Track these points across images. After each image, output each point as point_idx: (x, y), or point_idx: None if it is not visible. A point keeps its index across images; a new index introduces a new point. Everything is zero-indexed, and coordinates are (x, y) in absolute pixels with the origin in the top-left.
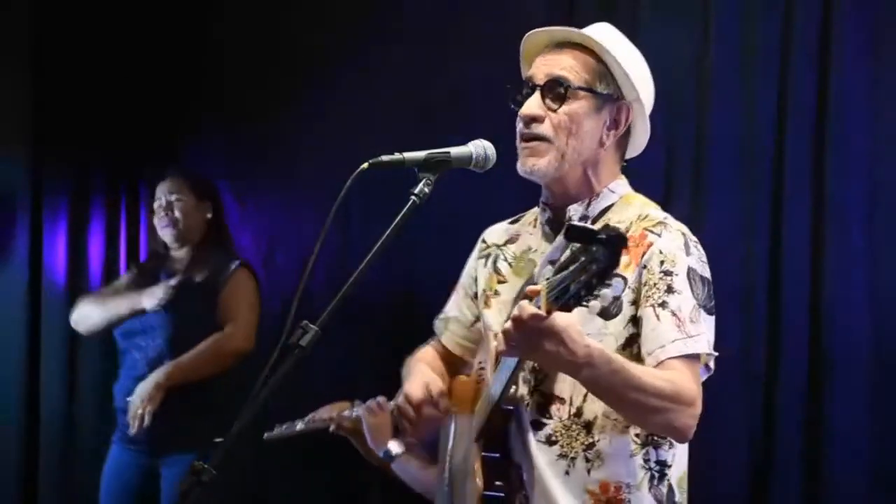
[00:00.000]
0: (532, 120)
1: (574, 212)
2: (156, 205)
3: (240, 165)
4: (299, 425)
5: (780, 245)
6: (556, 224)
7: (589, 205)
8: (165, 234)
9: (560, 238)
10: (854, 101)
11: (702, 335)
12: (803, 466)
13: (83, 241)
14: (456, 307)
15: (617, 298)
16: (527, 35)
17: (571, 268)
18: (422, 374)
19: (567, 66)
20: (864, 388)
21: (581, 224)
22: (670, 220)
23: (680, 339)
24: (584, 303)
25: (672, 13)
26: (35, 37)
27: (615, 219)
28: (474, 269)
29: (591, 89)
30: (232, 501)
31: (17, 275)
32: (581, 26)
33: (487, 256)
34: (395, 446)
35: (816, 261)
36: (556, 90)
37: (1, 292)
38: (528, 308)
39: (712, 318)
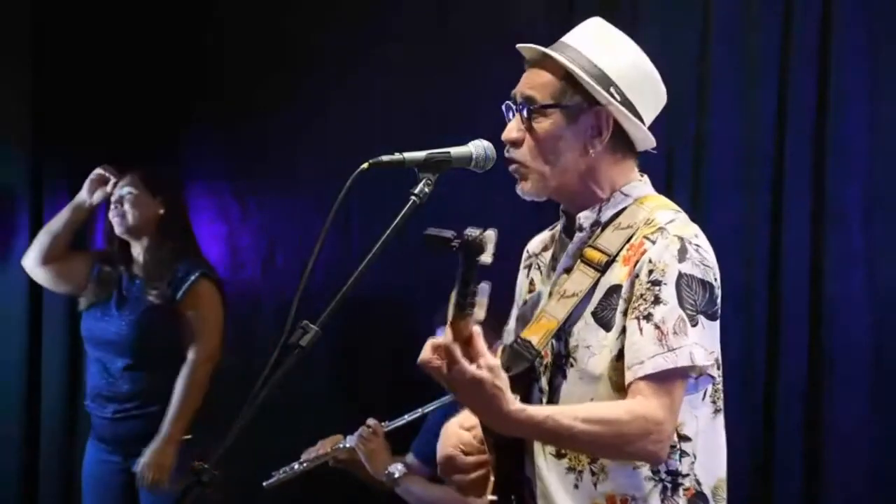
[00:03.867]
0: (511, 144)
1: (585, 219)
2: (112, 198)
3: (240, 165)
4: (297, 467)
5: (780, 245)
6: (570, 232)
7: (600, 210)
8: (116, 226)
9: (571, 246)
10: (854, 101)
11: (684, 347)
12: (803, 466)
13: (84, 241)
14: (512, 321)
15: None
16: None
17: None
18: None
19: (536, 84)
20: (864, 388)
21: (434, 232)
22: (676, 223)
23: (660, 354)
24: (468, 311)
25: (672, 13)
26: (35, 35)
27: (625, 223)
28: (520, 281)
29: (558, 104)
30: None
31: (17, 274)
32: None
33: (529, 267)
34: (395, 468)
35: (816, 261)
36: (526, 111)
37: (1, 292)
38: (439, 349)
39: (714, 323)
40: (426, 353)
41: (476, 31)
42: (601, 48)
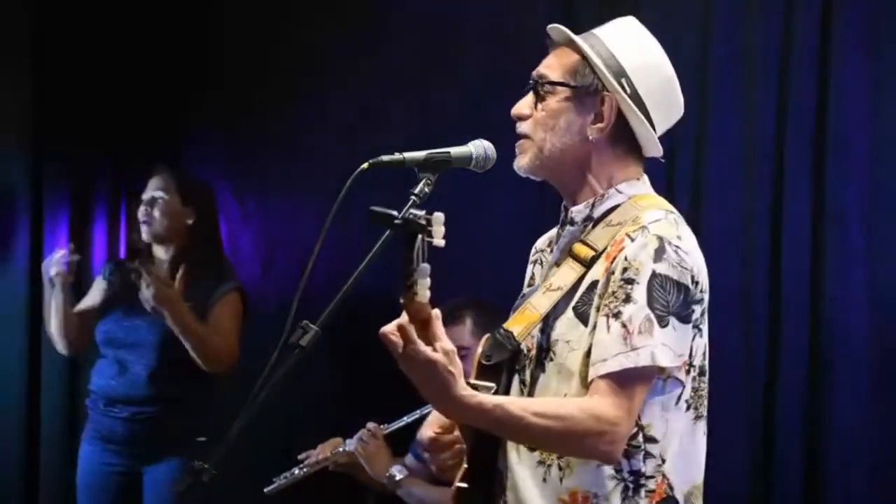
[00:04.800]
0: (518, 118)
1: (577, 213)
2: (143, 197)
3: (240, 165)
4: (297, 472)
5: (780, 245)
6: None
7: (593, 206)
8: (143, 231)
9: (561, 240)
10: (854, 101)
11: (647, 347)
12: (803, 466)
13: (84, 242)
14: None
15: None
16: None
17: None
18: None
19: (553, 64)
20: (864, 388)
21: (380, 210)
22: (659, 223)
23: (622, 353)
24: (413, 291)
25: (672, 13)
26: (35, 35)
27: (615, 220)
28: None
29: (566, 83)
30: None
31: (17, 275)
32: (579, 27)
33: (535, 262)
34: (397, 471)
35: (816, 261)
36: (538, 88)
37: (1, 292)
38: (392, 329)
39: (686, 327)
40: (390, 326)
41: (476, 30)
42: (624, 42)
